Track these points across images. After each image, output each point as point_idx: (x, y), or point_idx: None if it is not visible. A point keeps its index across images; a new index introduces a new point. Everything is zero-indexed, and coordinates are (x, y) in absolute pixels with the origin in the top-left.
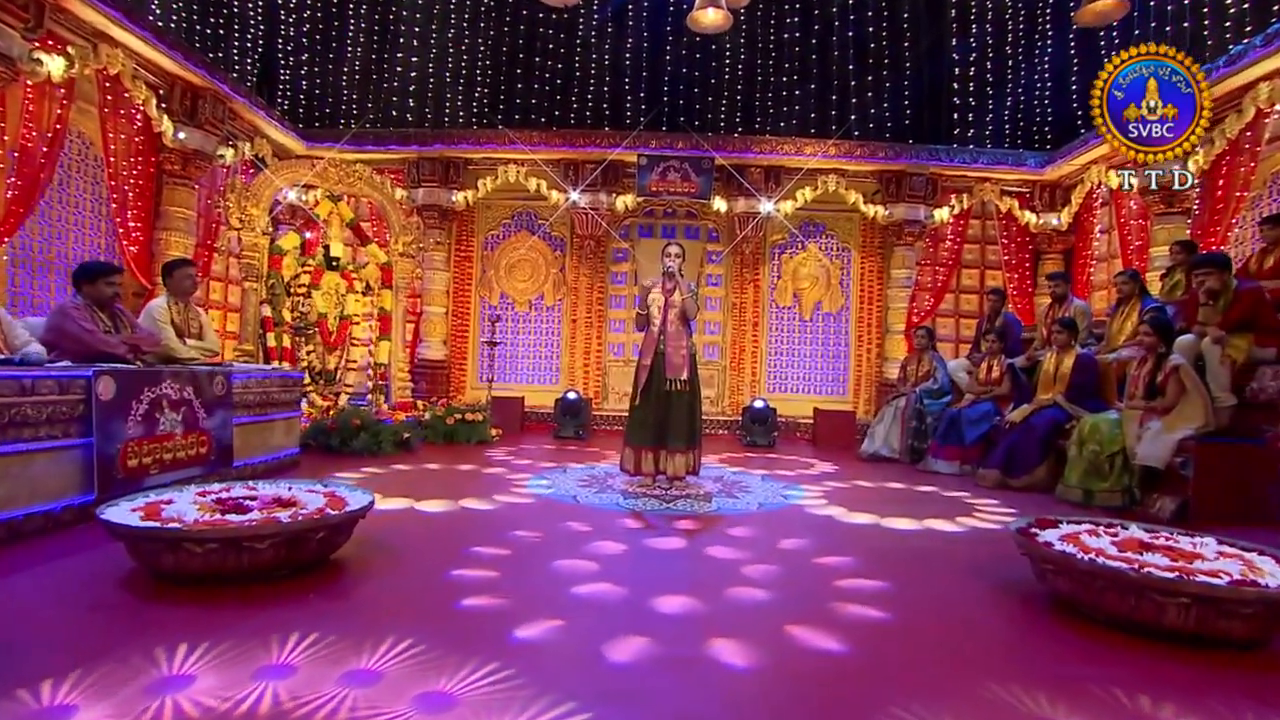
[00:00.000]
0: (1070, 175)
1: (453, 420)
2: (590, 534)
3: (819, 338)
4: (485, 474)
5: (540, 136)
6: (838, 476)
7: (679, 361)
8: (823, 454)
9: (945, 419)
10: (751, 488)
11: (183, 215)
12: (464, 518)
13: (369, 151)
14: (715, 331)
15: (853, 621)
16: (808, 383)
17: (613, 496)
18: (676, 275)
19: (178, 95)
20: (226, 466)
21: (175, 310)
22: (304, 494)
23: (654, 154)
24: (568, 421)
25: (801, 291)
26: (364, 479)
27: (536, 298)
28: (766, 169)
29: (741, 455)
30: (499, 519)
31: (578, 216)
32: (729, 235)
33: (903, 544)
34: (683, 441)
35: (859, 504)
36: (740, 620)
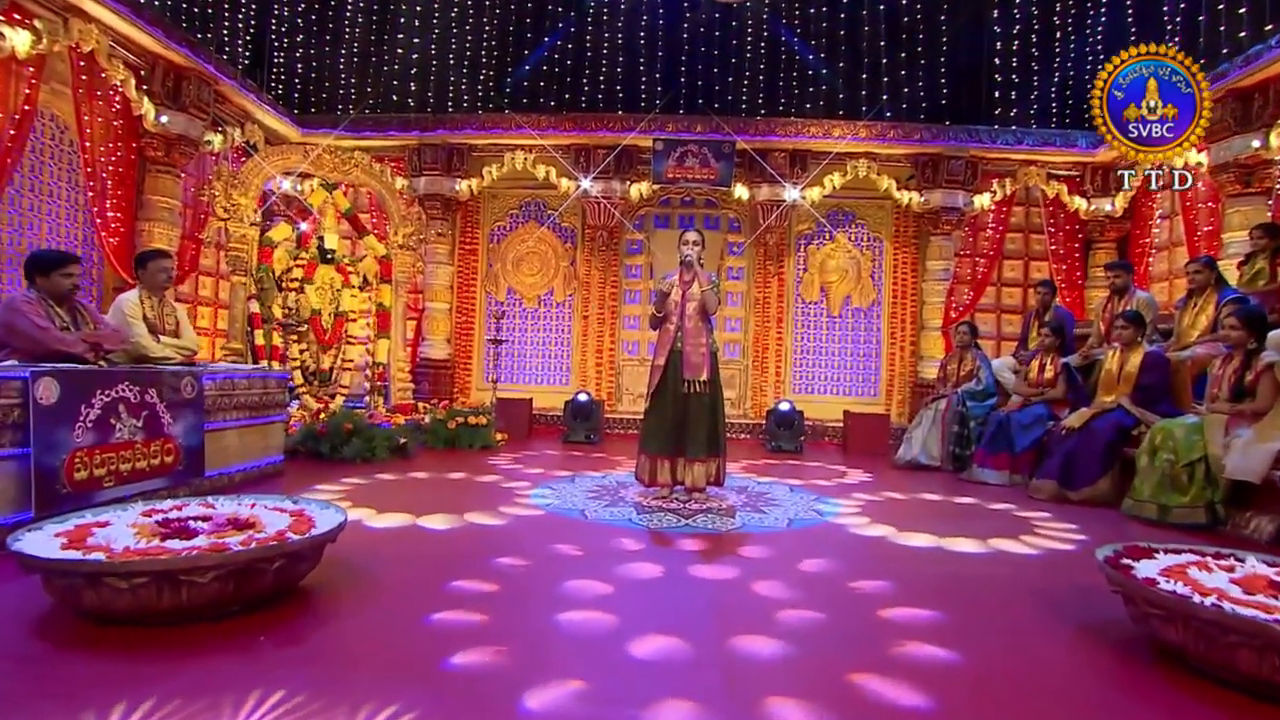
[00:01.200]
0: (1126, 157)
1: (454, 424)
2: (599, 558)
3: (848, 335)
4: (485, 484)
5: (549, 121)
6: (874, 487)
7: (698, 360)
8: (855, 461)
9: (992, 423)
10: (779, 500)
11: (167, 205)
12: (457, 536)
13: (367, 138)
14: (736, 328)
15: (922, 667)
16: (837, 383)
17: (625, 511)
18: (695, 265)
19: (159, 76)
20: (196, 477)
21: (149, 305)
22: (267, 513)
23: (670, 138)
24: (578, 425)
25: (829, 285)
26: (347, 491)
27: (546, 293)
28: (792, 153)
29: (766, 462)
30: (496, 538)
31: (589, 206)
32: (751, 225)
33: (963, 569)
34: (702, 449)
35: (903, 519)
36: (794, 671)
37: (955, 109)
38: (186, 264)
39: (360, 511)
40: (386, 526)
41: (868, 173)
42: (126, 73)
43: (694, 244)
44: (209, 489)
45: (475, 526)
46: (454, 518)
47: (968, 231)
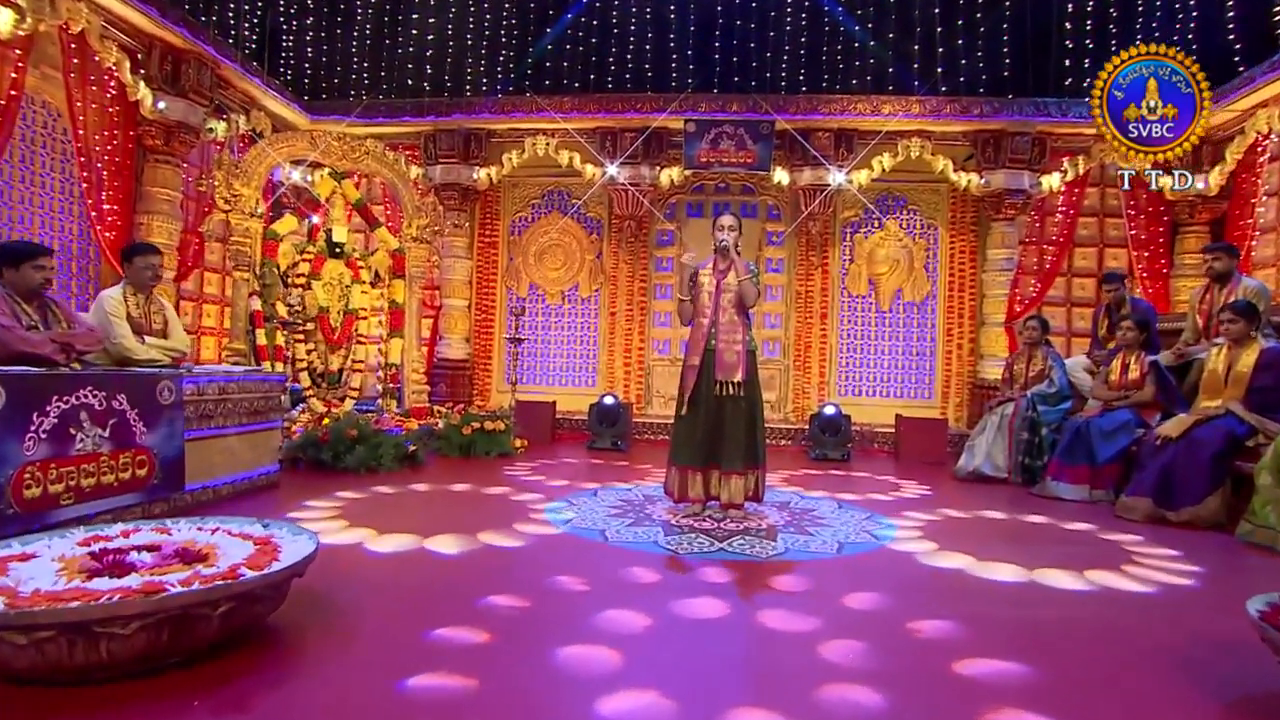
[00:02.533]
0: (1225, 126)
1: (469, 430)
2: (616, 594)
3: (900, 331)
4: (498, 498)
5: (572, 103)
6: (934, 502)
7: (733, 360)
8: (909, 471)
9: (1069, 431)
10: (826, 519)
11: (167, 197)
12: (457, 564)
13: (380, 124)
14: (776, 325)
15: None
16: (887, 384)
17: (651, 531)
18: (732, 252)
19: (156, 59)
20: (175, 491)
21: (133, 302)
22: (229, 540)
23: (703, 119)
24: (604, 431)
25: (878, 277)
26: (343, 506)
27: (570, 288)
28: (836, 133)
29: (809, 472)
30: (501, 566)
31: (616, 194)
32: (792, 213)
33: (1056, 610)
34: (738, 460)
35: (974, 544)
36: None
37: (1019, 80)
38: (190, 259)
39: (351, 533)
40: (378, 550)
41: (921, 153)
42: (120, 55)
43: (730, 229)
44: (190, 505)
45: (481, 550)
46: (458, 539)
47: (1034, 216)
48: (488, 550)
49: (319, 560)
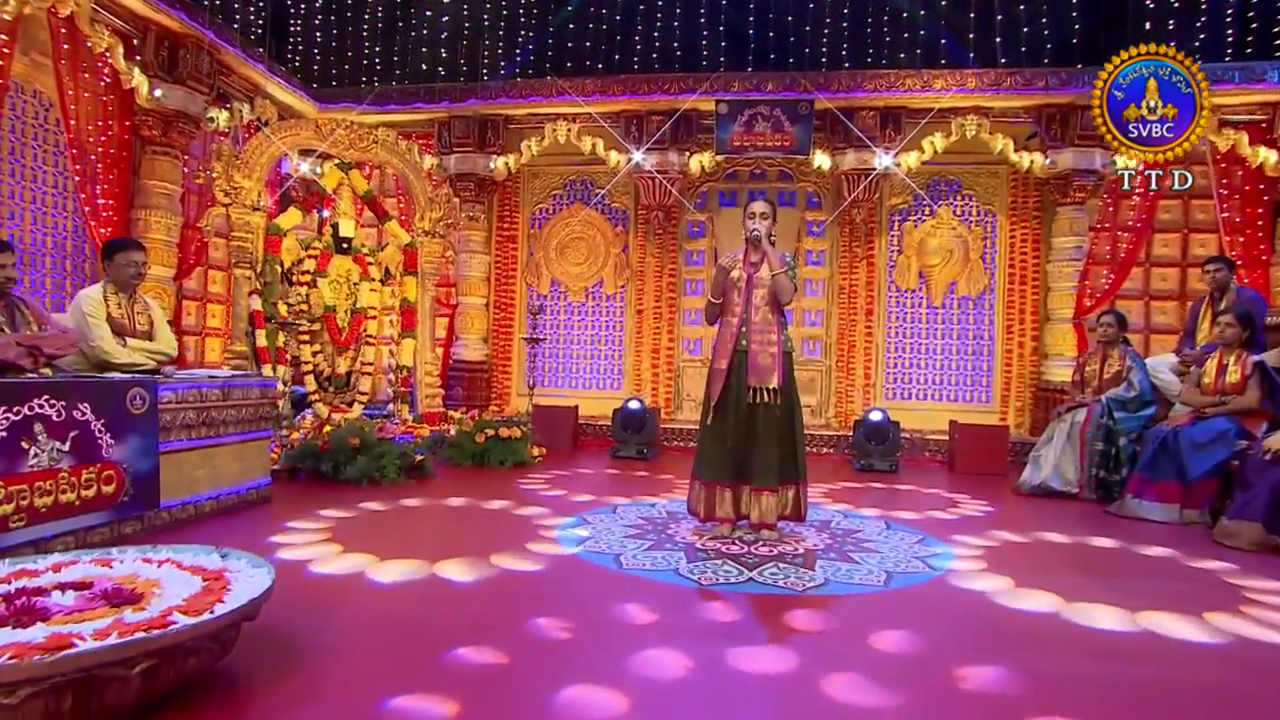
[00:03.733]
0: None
1: (483, 437)
2: (619, 639)
3: (954, 329)
4: (507, 514)
5: (595, 85)
6: (996, 522)
7: (767, 362)
8: (965, 483)
9: (1152, 441)
10: (873, 541)
11: (165, 191)
12: (439, 599)
13: (392, 112)
14: (817, 322)
15: None
16: (940, 387)
17: (671, 556)
18: (764, 243)
19: (151, 44)
20: (149, 509)
21: (114, 302)
22: (176, 574)
23: (737, 99)
24: (629, 438)
25: (930, 270)
26: (333, 525)
27: (594, 284)
28: (883, 111)
29: (854, 485)
30: (494, 599)
31: (643, 183)
32: (834, 200)
33: (1177, 670)
34: (772, 476)
35: (1050, 576)
36: None
37: (1091, 46)
38: (191, 256)
39: (346, 559)
40: (359, 573)
41: (978, 131)
42: (113, 40)
43: (763, 216)
44: (168, 524)
45: (482, 578)
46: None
47: (1106, 200)
48: (484, 582)
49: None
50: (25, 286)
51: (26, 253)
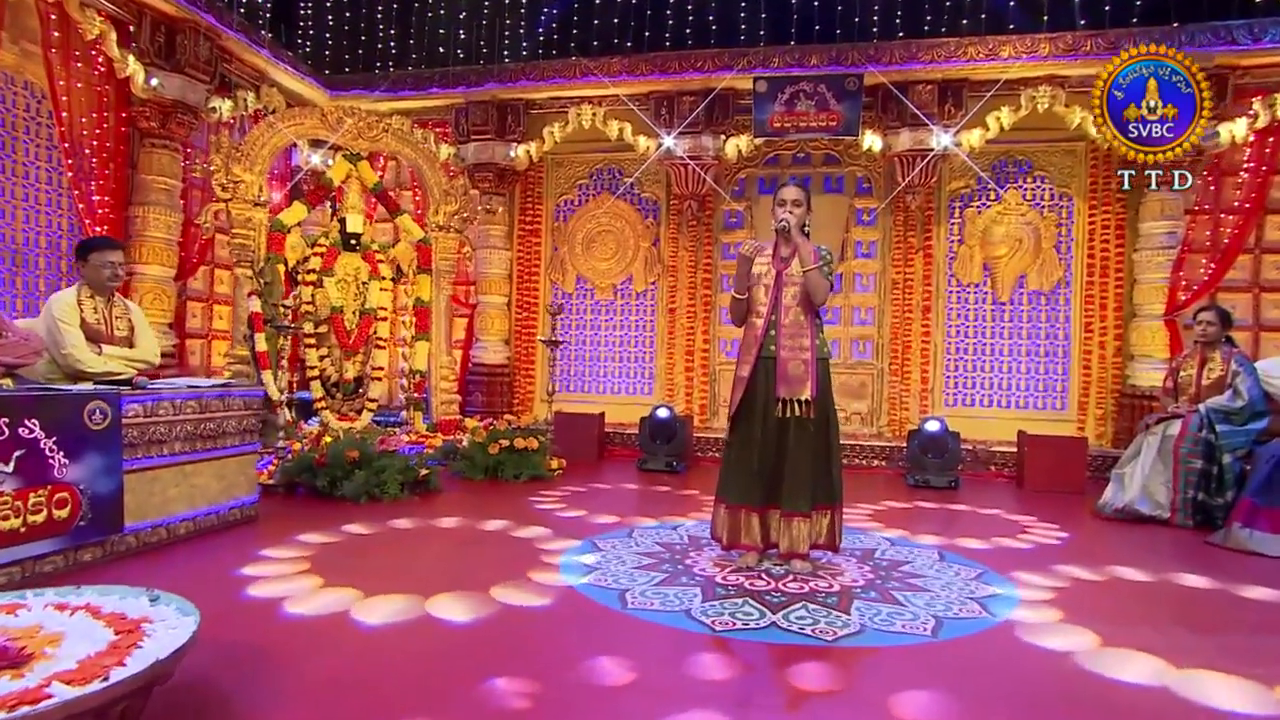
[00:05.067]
0: None
1: (496, 448)
2: (598, 703)
3: (1023, 327)
4: (508, 537)
5: (622, 64)
6: (1073, 553)
7: (799, 372)
8: (1036, 503)
9: (1268, 461)
10: (923, 576)
11: (164, 186)
12: (432, 641)
13: (406, 98)
14: (867, 321)
15: None
16: (1007, 393)
17: (685, 593)
18: (795, 234)
19: (147, 30)
20: (110, 534)
21: (90, 306)
22: (88, 624)
23: (777, 76)
24: (657, 449)
25: (996, 261)
26: (314, 552)
27: (623, 281)
28: (941, 85)
29: (905, 506)
30: (470, 649)
31: (674, 170)
32: (886, 185)
33: None
34: (805, 499)
35: (1144, 630)
36: None
37: (1186, 2)
38: (195, 255)
39: (327, 595)
40: (334, 613)
41: (1051, 104)
42: (105, 26)
43: (793, 204)
44: (135, 550)
45: (465, 620)
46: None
47: (1206, 178)
48: (454, 627)
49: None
50: (17, 289)
51: (18, 253)
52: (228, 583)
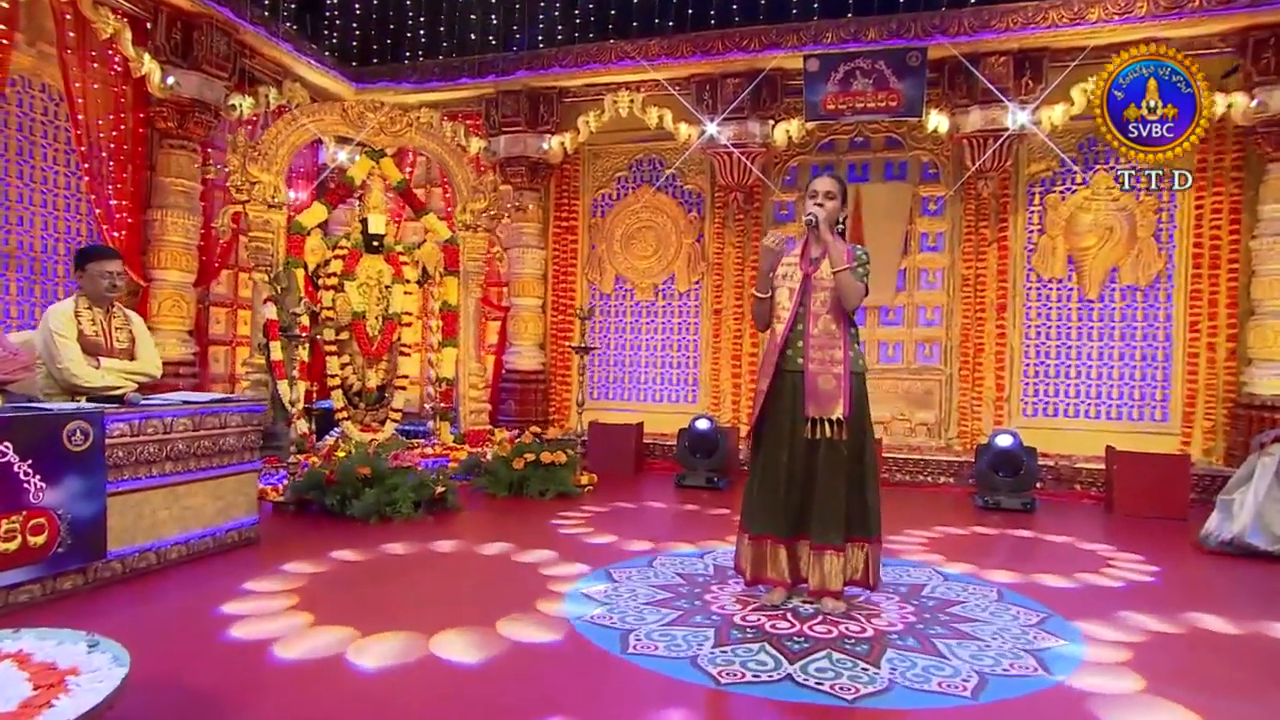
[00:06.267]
0: None
1: (521, 463)
2: None
3: (1115, 327)
4: (519, 563)
5: (661, 46)
6: (1164, 599)
7: (830, 388)
8: (1125, 533)
9: None
10: (974, 620)
11: (183, 188)
12: (415, 688)
13: (434, 89)
14: (934, 321)
15: None
16: (1095, 402)
17: (697, 636)
18: (825, 231)
19: (163, 26)
20: (93, 560)
21: (88, 318)
22: (10, 674)
23: (830, 53)
24: (697, 464)
25: (1082, 253)
26: (304, 583)
27: (665, 280)
28: (1017, 56)
29: (966, 533)
30: (453, 698)
31: (719, 160)
32: (955, 170)
33: None
34: (837, 531)
35: (1246, 711)
36: None
37: None
38: (217, 259)
39: (316, 636)
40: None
41: None
42: (120, 24)
43: (826, 196)
44: (120, 576)
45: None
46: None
47: None
48: (445, 669)
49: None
50: (36, 298)
51: (37, 261)
52: (207, 622)
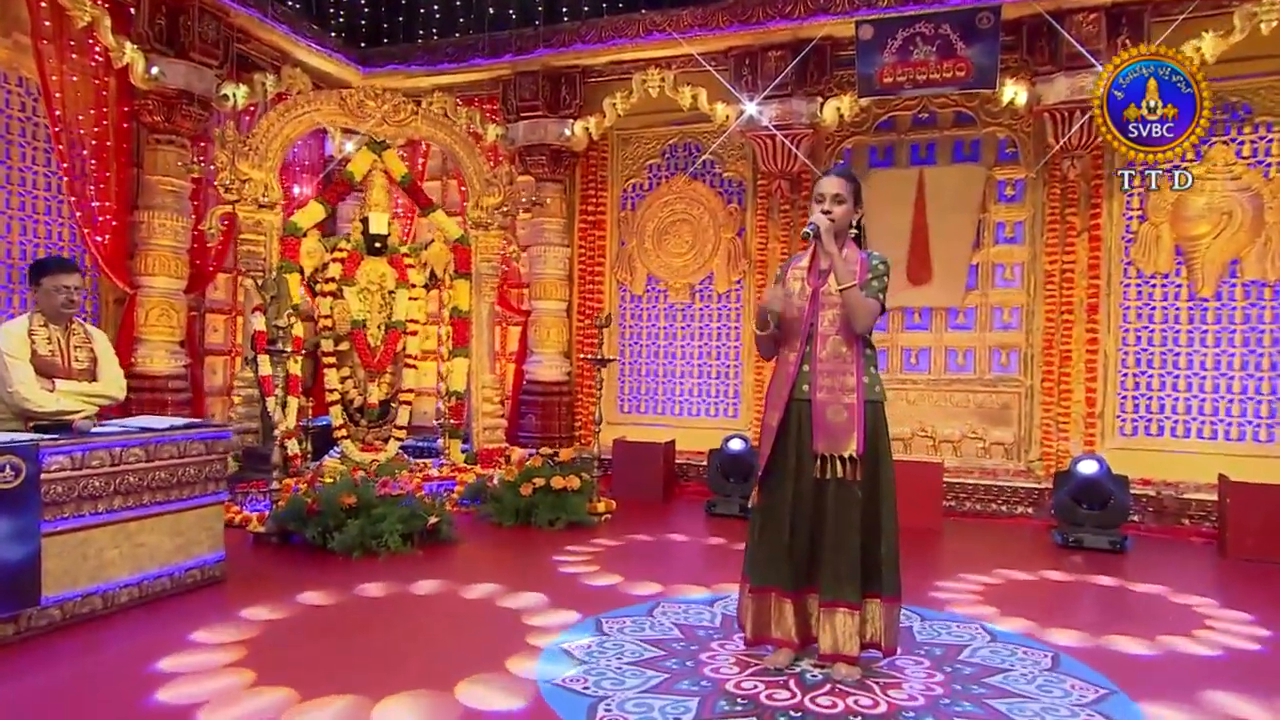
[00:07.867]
0: None
1: (529, 488)
2: None
3: (1235, 331)
4: (500, 609)
5: (694, 17)
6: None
7: (841, 420)
8: (1237, 582)
9: None
10: (1017, 694)
11: (171, 187)
12: None
13: (446, 72)
14: (1012, 325)
15: None
16: (1207, 420)
17: (678, 707)
18: (827, 241)
19: (146, 12)
20: (24, 607)
21: (43, 336)
22: None
23: (886, 18)
24: (729, 488)
25: (1193, 243)
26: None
27: (702, 280)
28: (1110, 10)
29: (1039, 575)
30: None
31: (760, 143)
32: (1036, 150)
33: None
34: (850, 585)
35: None
36: None
37: None
38: (210, 264)
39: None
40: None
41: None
42: (98, 10)
43: (834, 199)
44: (59, 623)
45: None
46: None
47: None
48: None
49: None
50: (14, 308)
51: (15, 268)
52: (136, 682)
